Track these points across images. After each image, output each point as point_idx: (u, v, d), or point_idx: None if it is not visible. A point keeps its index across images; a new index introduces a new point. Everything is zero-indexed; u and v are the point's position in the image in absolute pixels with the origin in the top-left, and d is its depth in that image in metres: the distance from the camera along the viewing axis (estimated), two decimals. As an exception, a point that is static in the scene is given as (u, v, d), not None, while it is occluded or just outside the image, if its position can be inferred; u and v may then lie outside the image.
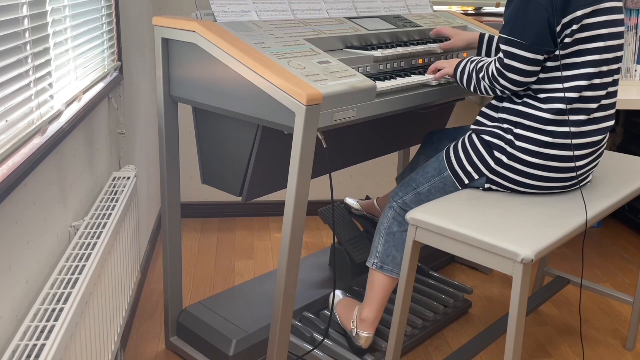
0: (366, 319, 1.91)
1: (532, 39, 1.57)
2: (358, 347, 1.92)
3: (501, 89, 1.66)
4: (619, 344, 2.21)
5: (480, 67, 1.71)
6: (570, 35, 1.58)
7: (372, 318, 1.91)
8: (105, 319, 1.49)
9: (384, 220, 1.90)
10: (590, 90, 1.62)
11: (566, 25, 1.57)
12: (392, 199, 1.89)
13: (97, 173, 1.83)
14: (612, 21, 1.62)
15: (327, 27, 1.89)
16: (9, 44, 1.16)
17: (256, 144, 1.74)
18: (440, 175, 1.79)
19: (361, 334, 1.91)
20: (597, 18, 1.59)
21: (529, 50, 1.58)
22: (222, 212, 3.20)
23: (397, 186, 1.91)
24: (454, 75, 1.80)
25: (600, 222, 3.23)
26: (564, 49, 1.60)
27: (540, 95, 1.64)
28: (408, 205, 1.84)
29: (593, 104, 1.64)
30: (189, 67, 1.73)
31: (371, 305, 1.91)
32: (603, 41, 1.60)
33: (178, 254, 2.00)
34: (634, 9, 2.77)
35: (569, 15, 1.57)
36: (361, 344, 1.92)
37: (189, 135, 3.08)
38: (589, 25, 1.58)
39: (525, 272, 1.42)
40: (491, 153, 1.70)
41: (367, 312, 1.91)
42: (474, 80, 1.73)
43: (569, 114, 1.62)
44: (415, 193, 1.83)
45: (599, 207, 1.69)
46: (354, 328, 1.93)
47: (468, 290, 2.40)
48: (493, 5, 3.19)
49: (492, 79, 1.66)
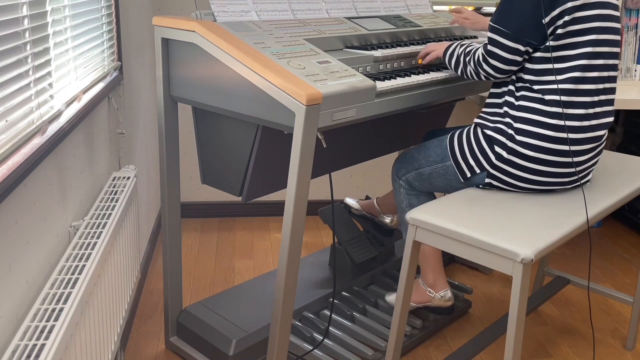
0: (435, 282, 2.03)
1: (514, 29, 1.64)
2: (449, 298, 2.04)
3: (485, 75, 1.73)
4: (619, 344, 2.21)
5: (468, 51, 1.77)
6: (562, 26, 1.61)
7: (439, 279, 2.03)
8: (105, 319, 1.49)
9: (400, 197, 1.99)
10: (585, 83, 1.65)
11: (557, 17, 1.61)
12: (396, 175, 1.98)
13: (97, 173, 1.83)
14: (605, 15, 1.65)
15: (327, 27, 1.89)
16: (9, 44, 1.16)
17: (256, 144, 1.74)
18: (442, 162, 1.84)
19: (442, 294, 2.03)
20: (589, 11, 1.62)
21: (511, 39, 1.64)
22: (222, 212, 3.20)
23: (398, 162, 1.98)
24: (443, 57, 1.86)
25: (600, 222, 3.23)
26: (557, 40, 1.63)
27: (535, 86, 1.67)
28: (411, 182, 1.93)
29: (589, 97, 1.66)
30: (189, 67, 1.73)
31: (430, 271, 2.02)
32: (596, 34, 1.63)
33: (178, 254, 2.00)
34: (634, 9, 2.76)
35: (559, 7, 1.60)
36: (447, 300, 2.04)
37: (189, 135, 3.08)
38: (581, 18, 1.62)
39: (525, 272, 1.42)
40: (492, 148, 1.72)
41: (432, 276, 2.03)
42: (462, 64, 1.79)
43: (567, 107, 1.65)
44: (417, 173, 1.90)
45: (599, 207, 1.69)
46: (434, 295, 2.03)
47: (468, 290, 2.40)
48: (493, 5, 3.19)
49: (477, 64, 1.73)
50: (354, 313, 2.14)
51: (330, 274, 2.35)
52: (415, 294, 2.06)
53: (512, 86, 1.72)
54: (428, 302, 2.05)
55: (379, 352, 1.98)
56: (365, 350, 1.97)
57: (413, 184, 1.93)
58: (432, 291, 2.03)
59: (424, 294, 2.05)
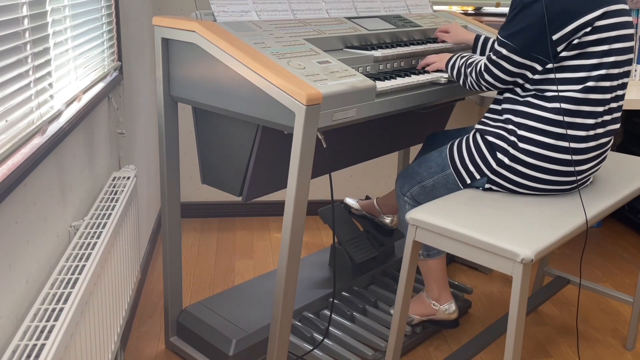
0: (440, 295, 2.02)
1: (522, 44, 1.62)
2: (453, 310, 2.02)
3: (486, 85, 1.73)
4: (619, 344, 2.21)
5: (470, 63, 1.77)
6: (579, 37, 1.58)
7: (444, 292, 2.02)
8: (105, 319, 1.49)
9: (404, 214, 1.96)
10: (597, 93, 1.62)
11: (576, 30, 1.57)
12: (400, 192, 1.97)
13: (97, 173, 1.83)
14: (621, 23, 1.62)
15: (327, 27, 1.89)
16: (9, 44, 1.16)
17: (256, 144, 1.74)
18: (443, 172, 1.83)
19: (446, 307, 2.01)
20: (609, 20, 1.59)
21: (518, 54, 1.63)
22: (222, 212, 3.20)
23: (400, 178, 1.97)
24: (446, 69, 1.86)
25: (600, 222, 3.23)
26: (570, 50, 1.59)
27: (542, 94, 1.65)
28: (416, 197, 1.92)
29: (601, 107, 1.64)
30: (189, 67, 1.73)
31: (435, 284, 2.01)
32: (609, 44, 1.60)
33: (178, 254, 2.00)
34: (634, 9, 2.77)
35: (581, 18, 1.56)
36: (452, 313, 2.02)
37: (189, 135, 3.08)
38: (600, 28, 1.58)
39: (525, 272, 1.42)
40: (494, 154, 1.71)
41: (436, 290, 2.01)
42: (462, 76, 1.79)
43: (575, 116, 1.63)
44: (421, 187, 1.89)
45: (599, 207, 1.69)
46: (438, 307, 2.02)
47: (468, 290, 2.40)
48: (493, 5, 3.19)
49: (479, 75, 1.72)
50: (354, 313, 2.14)
51: (330, 274, 2.35)
52: (420, 307, 2.06)
53: (516, 93, 1.70)
54: (432, 315, 2.04)
55: (379, 352, 1.98)
56: (365, 350, 1.97)
57: (418, 198, 1.92)
58: (436, 304, 2.01)
59: (428, 307, 2.04)
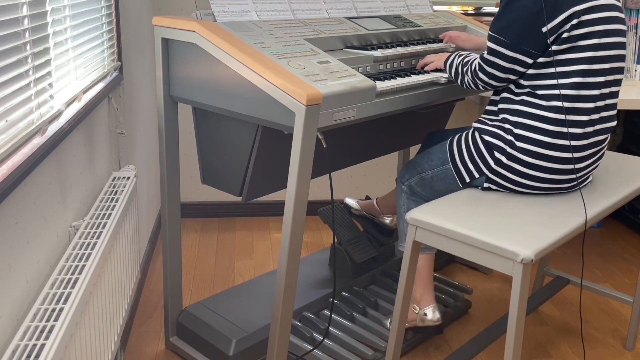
0: (422, 297, 1.95)
1: (513, 38, 1.62)
2: (437, 319, 1.95)
3: (482, 84, 1.72)
4: (619, 344, 2.21)
5: (466, 62, 1.76)
6: (568, 30, 1.59)
7: (426, 293, 1.95)
8: (105, 319, 1.49)
9: (400, 203, 1.97)
10: (588, 89, 1.62)
11: (564, 22, 1.58)
12: (400, 180, 1.97)
13: (97, 173, 1.83)
14: (610, 18, 1.62)
15: (327, 27, 1.89)
16: (9, 44, 1.16)
17: (256, 144, 1.74)
18: (443, 166, 1.84)
19: (426, 311, 1.95)
20: (595, 14, 1.60)
21: (509, 49, 1.63)
22: (222, 212, 3.20)
23: (404, 168, 1.98)
24: (444, 68, 1.86)
25: (600, 222, 3.23)
26: (560, 44, 1.60)
27: (536, 92, 1.65)
28: (414, 187, 1.92)
29: (593, 103, 1.64)
30: (189, 67, 1.73)
31: (418, 285, 1.95)
32: (598, 38, 1.60)
33: (178, 254, 2.00)
34: (634, 9, 2.76)
35: (565, 11, 1.57)
36: (433, 319, 1.95)
37: (189, 135, 3.08)
38: (587, 22, 1.59)
39: (525, 272, 1.42)
40: (491, 153, 1.71)
41: (420, 290, 1.95)
42: (460, 75, 1.79)
43: (569, 113, 1.62)
44: (420, 177, 1.90)
45: (599, 207, 1.69)
46: (419, 311, 1.96)
47: (468, 290, 2.40)
48: (493, 5, 3.19)
49: (474, 74, 1.72)
50: (354, 313, 2.14)
51: (330, 274, 2.35)
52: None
53: (511, 92, 1.70)
54: (412, 321, 1.97)
55: (379, 352, 1.98)
56: (365, 350, 1.97)
57: (415, 189, 1.92)
58: (417, 307, 1.95)
59: (410, 311, 1.97)
